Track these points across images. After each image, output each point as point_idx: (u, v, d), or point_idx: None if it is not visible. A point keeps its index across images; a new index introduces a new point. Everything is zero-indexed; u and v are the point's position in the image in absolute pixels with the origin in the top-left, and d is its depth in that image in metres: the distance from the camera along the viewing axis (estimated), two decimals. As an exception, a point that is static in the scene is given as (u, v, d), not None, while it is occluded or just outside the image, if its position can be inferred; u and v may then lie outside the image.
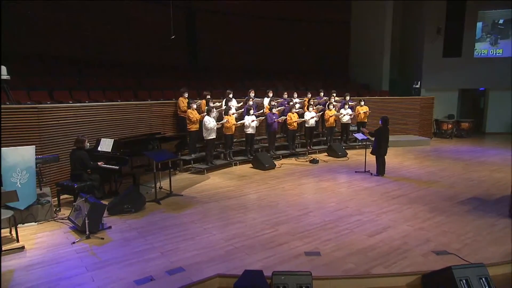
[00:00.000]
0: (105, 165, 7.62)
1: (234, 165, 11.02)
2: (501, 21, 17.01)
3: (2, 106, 7.26)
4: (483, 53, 17.40)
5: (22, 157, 6.18)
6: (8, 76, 7.68)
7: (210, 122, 9.96)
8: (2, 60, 7.94)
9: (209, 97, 10.95)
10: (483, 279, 4.20)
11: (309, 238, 5.77)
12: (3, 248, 5.16)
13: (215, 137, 10.32)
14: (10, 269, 4.80)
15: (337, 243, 5.59)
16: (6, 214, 5.39)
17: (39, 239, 5.79)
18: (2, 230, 5.30)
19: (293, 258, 5.09)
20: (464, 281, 4.15)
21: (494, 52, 17.30)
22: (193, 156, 10.47)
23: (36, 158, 6.51)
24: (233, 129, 10.83)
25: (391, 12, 17.32)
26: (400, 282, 4.72)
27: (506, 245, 5.42)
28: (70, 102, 9.41)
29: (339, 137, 13.78)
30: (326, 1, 18.04)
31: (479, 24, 17.20)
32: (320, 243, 5.59)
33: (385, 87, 17.67)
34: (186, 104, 10.52)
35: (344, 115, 13.07)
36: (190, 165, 10.45)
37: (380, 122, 9.57)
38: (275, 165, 10.79)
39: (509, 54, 16.94)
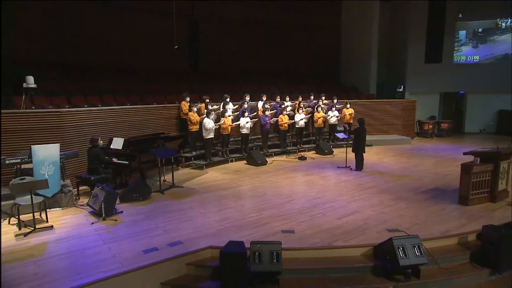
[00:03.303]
0: (116, 161, 8.29)
1: (230, 162, 11.59)
2: (480, 30, 17.90)
3: (29, 110, 8.12)
4: (462, 60, 18.18)
5: (49, 153, 6.99)
6: (34, 85, 8.34)
7: (209, 123, 10.56)
8: (29, 70, 8.74)
9: (208, 100, 11.66)
10: (416, 246, 5.11)
11: (287, 220, 6.61)
12: (37, 226, 6.12)
13: (213, 136, 10.90)
14: (44, 241, 5.74)
15: (309, 224, 6.43)
16: (38, 199, 6.30)
17: (64, 221, 6.67)
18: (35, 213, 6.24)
19: (271, 235, 5.90)
20: (401, 248, 5.05)
21: (472, 58, 18.09)
22: (193, 153, 11.06)
23: (60, 154, 7.29)
24: (230, 130, 11.40)
25: (378, 21, 18.02)
26: (356, 253, 5.57)
27: (447, 225, 6.33)
28: (85, 106, 10.02)
29: (328, 137, 14.49)
30: (317, 9, 18.52)
31: (463, 32, 18.03)
32: (296, 224, 6.43)
33: (372, 90, 18.33)
34: (187, 108, 11.07)
35: (331, 116, 13.75)
36: (191, 162, 10.97)
37: (358, 123, 10.45)
38: (267, 162, 11.43)
39: (485, 59, 17.85)
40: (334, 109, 13.90)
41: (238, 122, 11.66)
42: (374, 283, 5.13)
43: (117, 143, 8.63)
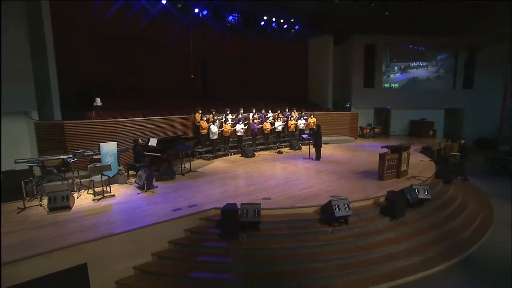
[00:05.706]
0: (152, 154, 8.67)
1: (230, 155, 11.77)
2: (402, 66, 19.05)
3: (97, 121, 8.48)
4: (387, 86, 19.08)
5: (110, 148, 7.50)
6: (101, 104, 8.73)
7: (214, 128, 10.89)
8: (98, 93, 8.88)
9: (214, 112, 11.91)
10: (346, 204, 5.85)
11: (266, 191, 7.21)
12: (105, 194, 6.66)
13: (217, 137, 11.21)
14: (110, 204, 6.32)
15: (281, 194, 7.03)
16: (104, 178, 6.85)
17: (121, 192, 7.22)
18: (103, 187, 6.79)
19: (255, 200, 6.49)
20: (337, 206, 5.79)
21: (394, 85, 19.10)
22: (204, 149, 11.33)
23: (116, 149, 7.75)
24: (229, 133, 11.71)
25: (332, 59, 18.66)
26: (310, 210, 6.24)
27: (368, 192, 7.04)
28: (131, 117, 10.28)
29: (297, 137, 14.80)
30: (292, 51, 19.01)
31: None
32: (272, 194, 7.03)
33: (329, 105, 18.80)
34: (200, 117, 11.40)
35: (300, 124, 14.10)
36: (202, 155, 11.23)
37: (316, 127, 11.05)
38: (255, 155, 11.79)
39: (402, 81, 19.08)
40: (302, 118, 14.28)
41: (235, 128, 12.00)
42: (320, 228, 5.85)
43: (153, 142, 8.98)
